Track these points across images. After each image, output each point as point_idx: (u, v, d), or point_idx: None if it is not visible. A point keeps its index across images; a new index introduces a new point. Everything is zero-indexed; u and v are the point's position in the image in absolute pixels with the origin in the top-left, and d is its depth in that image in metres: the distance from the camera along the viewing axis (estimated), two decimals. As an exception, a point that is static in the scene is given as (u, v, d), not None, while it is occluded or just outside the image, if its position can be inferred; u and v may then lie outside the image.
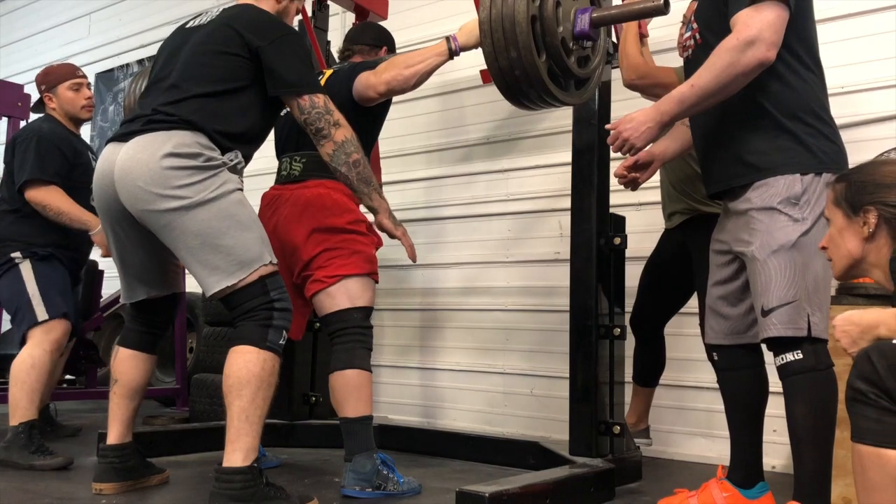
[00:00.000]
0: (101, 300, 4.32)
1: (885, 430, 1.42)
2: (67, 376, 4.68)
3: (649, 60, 3.09)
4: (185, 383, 4.33)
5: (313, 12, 3.76)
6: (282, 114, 2.69)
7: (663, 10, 2.23)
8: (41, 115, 3.35)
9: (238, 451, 2.04)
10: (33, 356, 2.89)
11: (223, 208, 2.11)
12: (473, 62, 4.03)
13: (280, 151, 2.76)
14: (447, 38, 2.57)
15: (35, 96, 3.48)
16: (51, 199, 3.02)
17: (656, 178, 3.17)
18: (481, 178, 4.23)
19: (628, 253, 2.78)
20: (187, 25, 2.41)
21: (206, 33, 2.30)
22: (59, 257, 3.10)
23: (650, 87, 2.93)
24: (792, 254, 1.97)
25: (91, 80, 6.55)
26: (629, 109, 3.24)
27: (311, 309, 2.73)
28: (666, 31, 3.16)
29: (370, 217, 2.52)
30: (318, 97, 2.24)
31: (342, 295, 2.51)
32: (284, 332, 2.15)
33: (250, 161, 2.36)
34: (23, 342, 2.97)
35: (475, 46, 2.48)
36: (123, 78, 6.36)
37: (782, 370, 1.98)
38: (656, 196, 3.19)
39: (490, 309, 4.10)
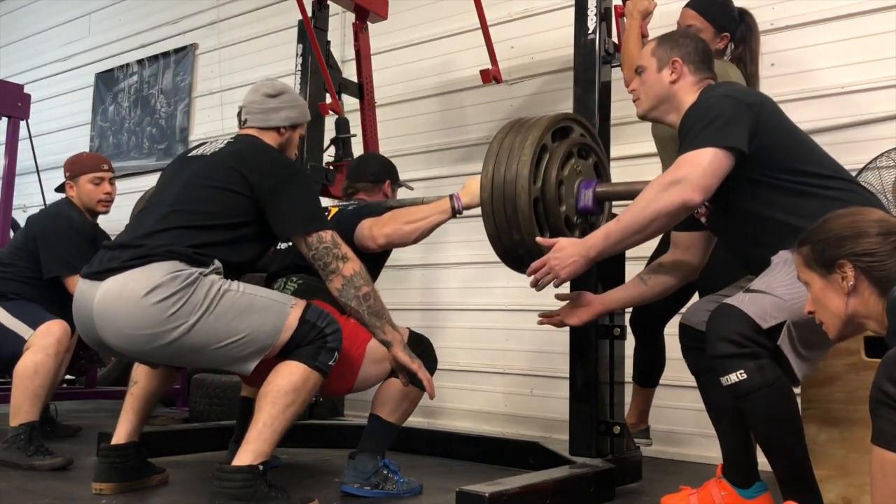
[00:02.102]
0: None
1: None
2: (67, 376, 4.68)
3: (649, 60, 3.09)
4: (185, 383, 4.33)
5: (313, 12, 3.76)
6: (282, 247, 2.69)
7: None
8: (62, 196, 3.40)
9: (250, 452, 2.05)
10: (36, 361, 2.87)
11: (220, 312, 2.08)
12: (473, 62, 4.03)
13: (272, 277, 2.68)
14: (451, 197, 2.58)
15: (36, 96, 3.50)
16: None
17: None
18: (481, 178, 4.23)
19: (628, 253, 2.77)
20: (190, 154, 2.40)
21: (208, 165, 2.27)
22: (27, 299, 3.11)
23: (650, 87, 2.92)
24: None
25: (91, 80, 6.58)
26: (629, 109, 3.24)
27: None
28: (666, 30, 3.16)
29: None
30: (325, 233, 2.21)
31: (371, 372, 2.49)
32: (336, 353, 2.16)
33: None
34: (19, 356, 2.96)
35: (478, 206, 2.45)
36: (123, 78, 6.37)
37: (730, 391, 1.92)
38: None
39: (490, 309, 4.10)
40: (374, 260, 2.66)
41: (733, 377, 1.89)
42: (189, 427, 3.40)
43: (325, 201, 2.77)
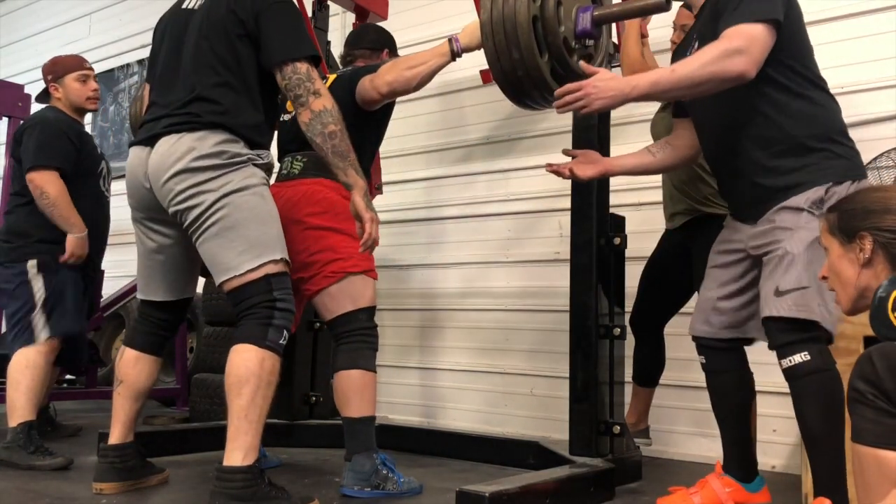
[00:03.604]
0: (101, 300, 4.32)
1: (883, 431, 1.42)
2: (67, 376, 4.69)
3: (650, 60, 3.09)
4: (185, 383, 4.33)
5: (313, 12, 3.76)
6: (284, 118, 2.70)
7: (664, 6, 2.24)
8: (45, 105, 3.34)
9: (238, 450, 2.04)
10: (27, 357, 2.90)
11: (244, 200, 2.15)
12: (473, 62, 4.02)
13: (282, 153, 2.75)
14: (449, 40, 2.57)
15: (35, 96, 3.48)
16: (50, 186, 2.98)
17: (657, 179, 3.19)
18: (481, 179, 4.23)
19: (628, 253, 2.78)
20: (183, 6, 2.39)
21: (203, 17, 2.28)
22: (69, 265, 3.07)
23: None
24: (814, 247, 1.98)
25: (91, 80, 6.57)
26: (629, 109, 3.23)
27: (303, 304, 2.72)
28: (666, 32, 3.16)
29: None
30: (301, 64, 2.20)
31: (344, 297, 2.50)
32: (285, 331, 2.15)
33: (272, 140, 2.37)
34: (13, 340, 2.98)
35: (477, 47, 2.47)
36: (123, 78, 6.36)
37: (790, 372, 1.98)
38: (656, 196, 3.19)
39: (490, 309, 4.10)
40: (376, 121, 2.67)
41: (797, 358, 1.95)
42: (189, 427, 3.40)
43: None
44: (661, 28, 3.26)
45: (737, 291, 2.24)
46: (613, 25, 2.97)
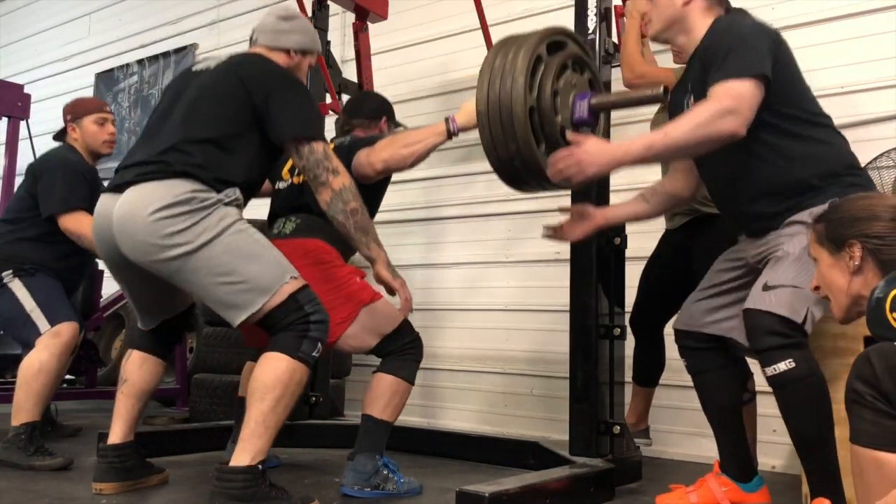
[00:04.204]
0: (101, 300, 4.32)
1: (881, 432, 1.41)
2: (67, 376, 4.68)
3: (650, 60, 3.09)
4: (185, 383, 4.33)
5: (313, 12, 3.76)
6: (280, 186, 2.70)
7: (663, 98, 2.25)
8: (61, 143, 3.37)
9: (247, 452, 2.04)
10: (41, 360, 2.86)
11: (227, 243, 2.10)
12: (473, 62, 4.02)
13: (273, 217, 2.71)
14: (446, 119, 2.57)
15: (36, 96, 3.49)
16: (85, 228, 2.95)
17: (657, 179, 3.18)
18: (481, 178, 4.23)
19: (628, 253, 2.78)
20: (192, 69, 2.41)
21: (209, 78, 2.29)
22: (46, 272, 3.07)
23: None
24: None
25: (91, 80, 6.58)
26: (629, 109, 3.22)
27: None
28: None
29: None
30: (317, 144, 2.22)
31: (365, 334, 2.48)
32: (319, 344, 2.15)
33: (246, 206, 2.35)
34: (29, 346, 2.95)
35: (474, 128, 2.43)
36: (123, 78, 6.37)
37: (775, 381, 1.96)
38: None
39: (490, 309, 4.10)
40: (373, 191, 2.65)
41: (781, 366, 1.93)
42: (189, 427, 3.40)
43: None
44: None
45: (723, 291, 2.27)
46: (614, 24, 2.97)
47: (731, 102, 1.97)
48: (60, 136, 3.38)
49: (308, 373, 2.15)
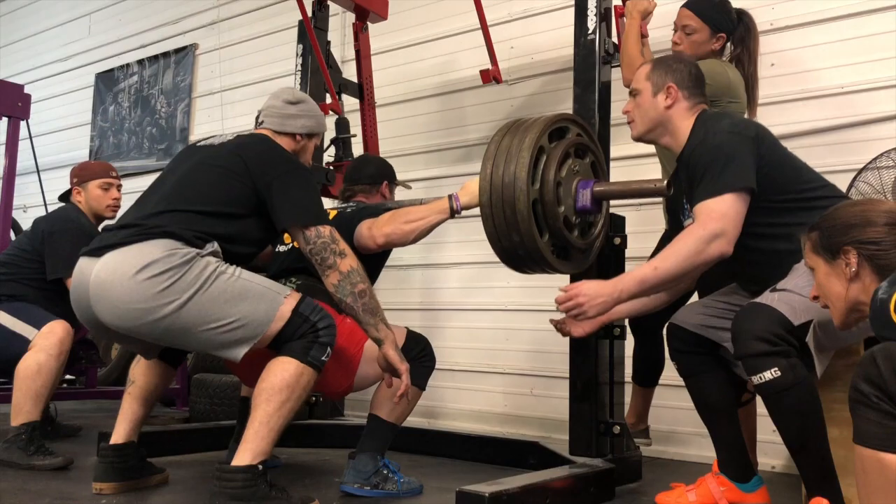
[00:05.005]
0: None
1: (886, 433, 1.41)
2: (67, 376, 4.68)
3: (649, 60, 3.08)
4: (185, 383, 4.33)
5: (313, 12, 3.76)
6: (280, 249, 2.71)
7: (665, 192, 2.30)
8: (66, 204, 3.43)
9: (249, 452, 2.05)
10: (39, 362, 2.87)
11: (212, 292, 2.07)
12: (473, 62, 4.03)
13: (273, 279, 2.71)
14: (449, 197, 2.59)
15: (36, 96, 3.50)
16: None
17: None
18: (481, 179, 4.23)
19: (628, 253, 2.78)
20: (199, 144, 2.42)
21: (213, 154, 2.29)
22: (26, 301, 3.10)
23: (649, 86, 2.93)
24: None
25: (91, 80, 6.58)
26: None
27: None
28: (666, 31, 3.16)
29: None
30: (324, 228, 2.21)
31: (370, 370, 2.47)
32: (329, 348, 2.16)
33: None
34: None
35: (476, 206, 2.46)
36: (123, 78, 6.37)
37: (761, 389, 1.96)
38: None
39: (490, 309, 4.10)
40: (375, 261, 2.66)
41: (767, 375, 1.93)
42: (189, 427, 3.40)
43: (325, 202, 2.77)
44: (662, 28, 3.25)
45: (725, 307, 2.28)
46: (613, 24, 2.97)
47: (715, 225, 2.03)
48: (65, 197, 3.46)
49: (315, 377, 2.15)
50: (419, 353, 2.55)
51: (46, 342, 2.91)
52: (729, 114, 2.39)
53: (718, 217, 2.03)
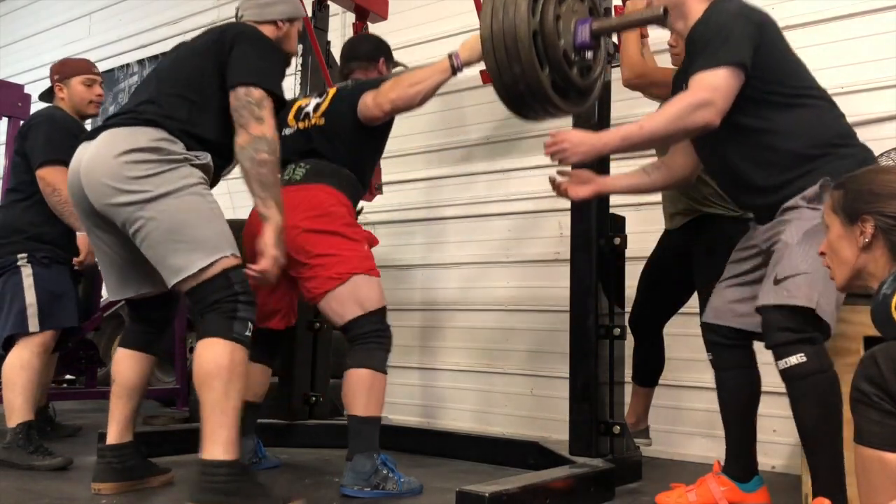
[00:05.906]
0: (101, 300, 4.31)
1: (887, 433, 1.41)
2: (67, 376, 4.68)
3: (649, 60, 3.09)
4: (185, 383, 4.33)
5: (313, 12, 3.76)
6: (286, 133, 2.70)
7: (662, 19, 2.28)
8: (48, 104, 3.34)
9: (218, 444, 2.04)
10: (21, 358, 2.89)
11: (184, 201, 2.11)
12: (473, 62, 4.02)
13: (284, 163, 2.72)
14: (449, 56, 2.58)
15: (35, 95, 3.48)
16: (62, 183, 2.90)
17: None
18: (481, 179, 4.23)
19: (628, 253, 2.78)
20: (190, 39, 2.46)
21: (198, 40, 2.36)
22: (60, 260, 3.07)
23: (649, 86, 2.93)
24: (814, 236, 1.99)
25: (91, 80, 6.57)
26: (629, 109, 3.23)
27: (298, 293, 2.72)
28: (666, 32, 3.16)
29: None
30: (257, 90, 2.20)
31: (351, 301, 2.49)
32: (250, 323, 2.14)
33: (222, 172, 2.36)
34: (7, 345, 2.96)
35: (478, 62, 2.50)
36: (124, 78, 6.37)
37: (786, 374, 1.99)
38: (656, 196, 3.19)
39: (490, 309, 4.09)
40: (378, 133, 2.68)
41: (792, 360, 1.96)
42: (189, 427, 3.39)
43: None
44: (661, 28, 3.25)
45: (745, 283, 2.27)
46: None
47: (705, 94, 2.06)
48: (47, 95, 3.36)
49: (247, 353, 2.12)
50: (378, 331, 2.51)
51: (29, 341, 2.94)
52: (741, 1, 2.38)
53: (710, 88, 2.06)
